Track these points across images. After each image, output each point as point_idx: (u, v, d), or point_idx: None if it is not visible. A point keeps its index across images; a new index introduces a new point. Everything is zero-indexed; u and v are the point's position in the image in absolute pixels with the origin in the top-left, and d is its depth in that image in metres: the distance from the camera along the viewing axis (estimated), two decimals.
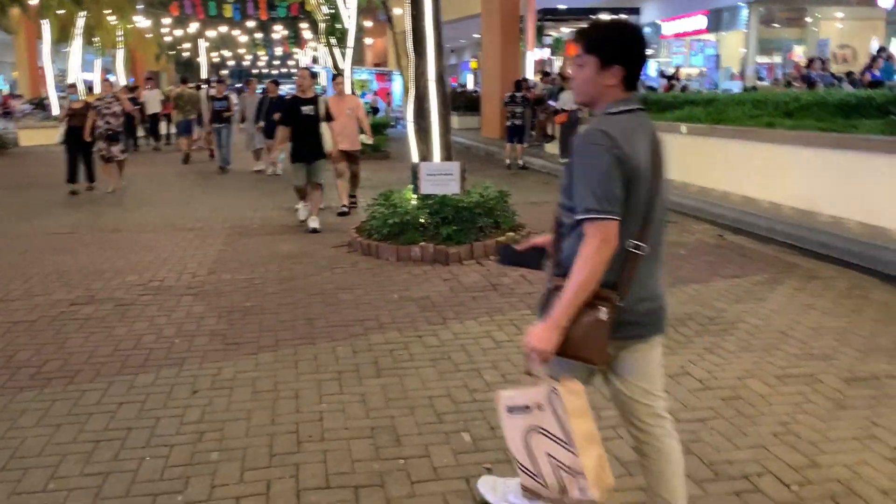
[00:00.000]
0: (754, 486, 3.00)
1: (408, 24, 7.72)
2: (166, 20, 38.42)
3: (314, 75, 8.79)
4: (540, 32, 22.90)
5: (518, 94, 14.43)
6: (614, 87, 2.28)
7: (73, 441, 3.48)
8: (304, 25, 36.23)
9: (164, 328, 5.10)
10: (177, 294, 5.94)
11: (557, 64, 34.20)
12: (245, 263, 6.94)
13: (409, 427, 3.57)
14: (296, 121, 8.29)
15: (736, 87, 20.53)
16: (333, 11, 22.24)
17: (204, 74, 41.17)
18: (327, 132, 8.45)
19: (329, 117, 8.51)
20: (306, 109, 8.31)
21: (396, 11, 15.26)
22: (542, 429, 2.21)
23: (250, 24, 40.45)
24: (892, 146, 7.22)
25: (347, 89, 13.87)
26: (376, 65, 39.08)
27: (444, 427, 3.58)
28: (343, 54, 22.59)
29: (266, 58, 61.08)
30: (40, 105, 27.88)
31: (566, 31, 32.72)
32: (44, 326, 5.15)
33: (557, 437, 2.18)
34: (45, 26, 27.95)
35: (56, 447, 3.42)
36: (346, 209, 9.46)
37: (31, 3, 25.57)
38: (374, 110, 25.44)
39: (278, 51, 52.02)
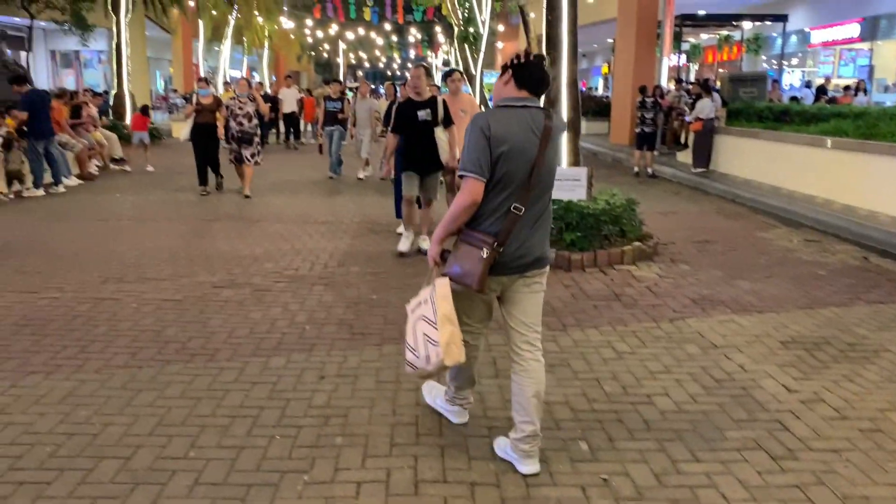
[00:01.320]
0: None
1: (543, 29, 7.72)
2: (309, 22, 40.39)
3: (429, 73, 7.40)
4: (677, 38, 22.27)
5: (649, 100, 14.05)
6: (507, 86, 3.08)
7: (211, 414, 3.73)
8: (438, 29, 36.93)
9: (297, 314, 5.37)
10: (309, 283, 6.23)
11: (694, 71, 33.10)
12: (372, 258, 7.18)
13: None
14: (410, 128, 7.04)
15: (890, 99, 19.17)
16: (468, 15, 22.58)
17: (341, 75, 42.83)
18: (444, 138, 7.26)
19: (449, 121, 7.27)
20: (422, 114, 7.02)
21: (532, 15, 15.31)
22: (424, 316, 3.14)
23: (387, 26, 41.80)
24: None
25: (466, 89, 13.53)
26: None
27: (561, 434, 3.58)
28: (475, 59, 22.91)
29: (400, 60, 62.67)
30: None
31: (705, 37, 31.71)
32: (189, 306, 5.55)
33: (430, 320, 3.08)
34: (201, 26, 30.32)
35: (196, 419, 3.68)
36: None
37: (189, 3, 27.66)
38: None
39: (412, 53, 53.29)
